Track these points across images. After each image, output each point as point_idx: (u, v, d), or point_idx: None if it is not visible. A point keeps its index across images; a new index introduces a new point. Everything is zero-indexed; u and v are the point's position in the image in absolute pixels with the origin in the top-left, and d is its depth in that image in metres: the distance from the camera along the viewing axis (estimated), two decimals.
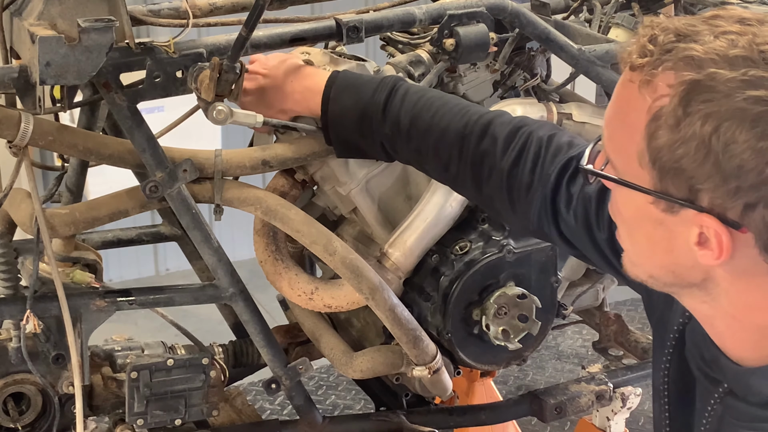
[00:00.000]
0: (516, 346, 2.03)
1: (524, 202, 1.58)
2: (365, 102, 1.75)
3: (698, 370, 1.24)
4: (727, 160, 1.00)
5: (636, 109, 1.06)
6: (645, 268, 1.16)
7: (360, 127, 1.76)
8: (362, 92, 1.76)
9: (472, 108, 1.70)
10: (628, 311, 4.00)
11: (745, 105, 0.99)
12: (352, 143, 1.81)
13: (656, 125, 1.04)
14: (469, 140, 1.64)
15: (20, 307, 1.76)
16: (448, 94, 1.80)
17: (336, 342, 2.08)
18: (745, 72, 1.00)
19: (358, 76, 1.83)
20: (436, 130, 1.68)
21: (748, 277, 1.08)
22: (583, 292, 2.41)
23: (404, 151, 1.76)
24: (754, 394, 1.13)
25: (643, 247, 1.14)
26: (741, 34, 1.02)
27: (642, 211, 1.10)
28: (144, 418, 1.87)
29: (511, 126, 1.62)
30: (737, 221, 1.03)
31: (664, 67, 1.04)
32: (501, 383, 3.43)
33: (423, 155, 1.73)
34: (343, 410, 3.35)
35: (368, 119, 1.75)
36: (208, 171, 1.81)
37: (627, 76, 1.09)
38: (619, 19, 2.31)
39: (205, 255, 1.87)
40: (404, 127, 1.72)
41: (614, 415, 2.48)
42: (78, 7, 1.62)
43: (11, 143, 1.69)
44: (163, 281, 4.45)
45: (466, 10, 1.97)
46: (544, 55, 2.19)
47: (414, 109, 1.72)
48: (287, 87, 1.82)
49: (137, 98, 1.77)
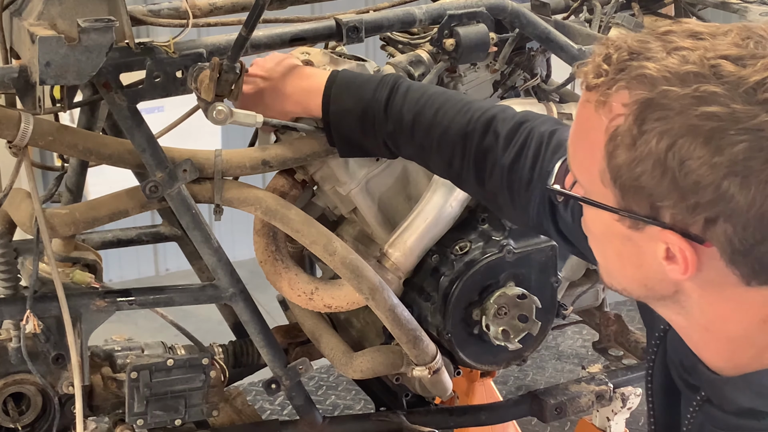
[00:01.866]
0: (516, 346, 2.03)
1: (524, 198, 1.59)
2: (366, 101, 1.75)
3: (678, 378, 1.25)
4: (683, 176, 1.00)
5: (594, 128, 1.06)
6: (618, 280, 1.17)
7: (362, 126, 1.76)
8: (363, 91, 1.76)
9: (474, 104, 1.71)
10: (628, 311, 4.00)
11: (698, 122, 0.99)
12: (354, 142, 1.81)
13: (614, 144, 1.04)
14: (472, 137, 1.65)
15: (20, 307, 1.76)
16: (450, 91, 1.80)
17: (336, 342, 2.08)
18: (697, 88, 0.99)
19: (358, 75, 1.83)
20: (439, 127, 1.69)
21: (716, 289, 1.08)
22: (583, 292, 2.41)
23: (407, 148, 1.76)
24: (729, 403, 1.14)
25: (614, 262, 1.15)
26: (693, 49, 1.02)
27: (610, 228, 1.10)
28: (144, 419, 1.87)
29: (513, 122, 1.63)
30: (700, 236, 1.03)
31: (618, 86, 1.04)
32: (501, 383, 3.43)
33: (426, 152, 1.73)
34: (343, 410, 3.35)
35: (370, 118, 1.75)
36: (208, 171, 1.81)
37: (584, 96, 1.09)
38: (619, 19, 2.30)
39: (205, 255, 1.87)
40: (407, 124, 1.72)
41: (614, 415, 2.49)
42: (78, 7, 1.62)
43: (11, 143, 1.69)
44: (163, 281, 4.45)
45: (466, 10, 1.97)
46: (544, 55, 2.18)
47: (416, 106, 1.72)
48: (286, 88, 1.81)
49: (137, 98, 1.77)
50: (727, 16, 2.58)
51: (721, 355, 1.14)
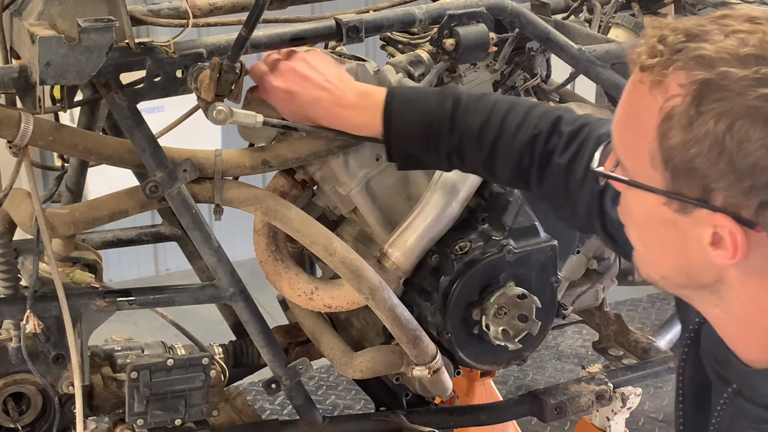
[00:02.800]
0: (516, 346, 2.03)
1: (576, 196, 1.59)
2: (430, 116, 1.72)
3: (712, 371, 1.24)
4: (741, 158, 1.00)
5: (647, 109, 1.06)
6: (657, 268, 1.16)
7: (425, 141, 1.74)
8: (425, 107, 1.74)
9: (539, 107, 1.70)
10: (628, 311, 4.00)
11: (758, 103, 0.99)
12: (415, 157, 1.79)
13: (668, 125, 1.04)
14: (539, 139, 1.65)
15: (20, 307, 1.76)
16: (510, 97, 1.79)
17: (336, 342, 2.08)
18: (757, 70, 1.00)
19: (413, 89, 1.80)
20: (507, 134, 1.68)
21: (760, 277, 1.08)
22: (583, 292, 2.41)
23: (472, 160, 1.74)
24: (759, 396, 1.14)
25: (654, 249, 1.14)
26: (751, 32, 1.02)
27: (654, 213, 1.10)
28: (144, 418, 1.87)
29: (576, 124, 1.64)
30: (752, 220, 1.03)
31: (675, 66, 1.04)
32: (501, 383, 3.43)
33: (493, 160, 1.72)
34: (343, 410, 3.35)
35: (435, 133, 1.72)
36: (208, 171, 1.81)
37: (637, 77, 1.08)
38: (619, 19, 2.31)
39: (205, 255, 1.87)
40: (474, 136, 1.70)
41: (614, 415, 2.49)
42: (78, 7, 1.62)
43: (11, 143, 1.69)
44: (163, 281, 4.45)
45: (466, 10, 1.97)
46: (544, 55, 2.19)
47: (482, 116, 1.70)
48: (347, 100, 1.75)
49: (137, 98, 1.77)
50: None
51: (756, 347, 1.14)
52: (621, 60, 2.13)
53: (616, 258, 2.40)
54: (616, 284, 2.47)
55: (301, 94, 1.75)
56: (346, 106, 1.75)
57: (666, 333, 2.66)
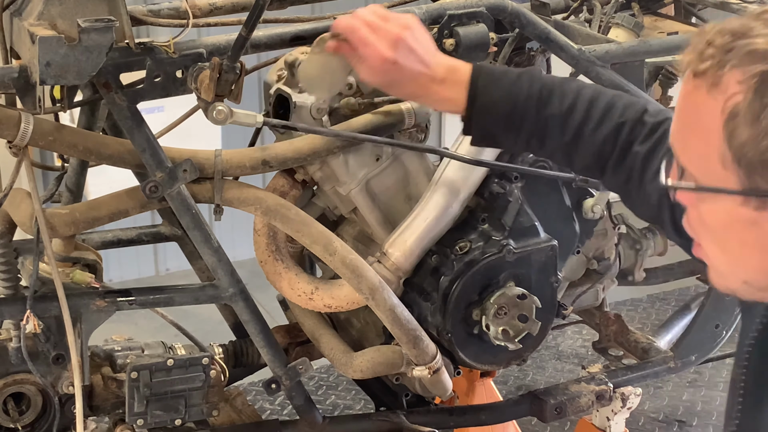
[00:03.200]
0: (516, 346, 2.03)
1: (649, 187, 1.57)
2: (516, 96, 1.68)
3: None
4: None
5: (708, 112, 1.06)
6: (738, 275, 1.15)
7: (508, 120, 1.70)
8: (511, 86, 1.69)
9: (624, 96, 1.68)
10: (628, 311, 4.00)
11: None
12: (492, 135, 1.74)
13: (734, 123, 1.03)
14: (623, 129, 1.62)
15: (20, 307, 1.76)
16: (594, 84, 1.75)
17: (336, 342, 2.08)
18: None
19: (499, 68, 1.76)
20: (591, 122, 1.64)
21: None
22: (583, 292, 2.41)
23: (553, 144, 1.71)
24: None
25: (736, 254, 1.13)
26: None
27: (732, 216, 1.09)
28: (144, 418, 1.87)
29: (659, 117, 1.61)
30: None
31: (730, 66, 1.04)
32: (501, 383, 3.43)
33: (574, 147, 1.68)
34: (343, 410, 3.35)
35: (519, 114, 1.68)
36: (208, 171, 1.81)
37: (691, 84, 1.09)
38: (619, 19, 2.31)
39: (205, 255, 1.87)
40: (558, 121, 1.67)
41: (614, 415, 2.48)
42: (78, 7, 1.62)
43: (11, 143, 1.69)
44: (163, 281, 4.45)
45: (466, 10, 1.97)
46: (544, 55, 2.19)
47: (569, 101, 1.67)
48: (437, 75, 1.68)
49: (137, 98, 1.77)
50: (726, 16, 2.58)
51: None
52: (621, 60, 2.13)
53: (616, 258, 2.40)
54: (616, 284, 2.47)
55: (405, 68, 1.65)
56: (437, 82, 1.69)
57: (666, 333, 2.66)
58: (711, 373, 3.52)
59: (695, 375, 3.48)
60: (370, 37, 1.63)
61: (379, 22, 1.65)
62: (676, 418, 3.25)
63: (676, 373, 2.67)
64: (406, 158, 2.02)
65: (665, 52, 2.21)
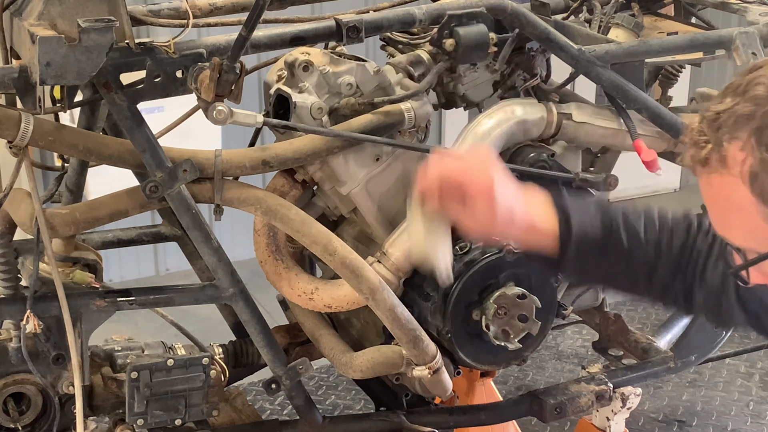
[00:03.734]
0: (516, 346, 2.03)
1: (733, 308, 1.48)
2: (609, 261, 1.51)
3: None
4: None
5: (732, 190, 1.09)
6: None
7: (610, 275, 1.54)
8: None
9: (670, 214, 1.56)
10: (628, 311, 4.00)
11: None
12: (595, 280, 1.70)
13: (759, 183, 1.07)
14: (673, 236, 1.51)
15: (20, 307, 1.76)
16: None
17: (336, 342, 2.08)
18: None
19: (581, 206, 1.53)
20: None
21: None
22: (582, 293, 2.41)
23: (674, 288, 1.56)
24: None
25: None
26: (759, 78, 1.08)
27: None
28: (144, 418, 1.87)
29: (710, 234, 1.59)
30: None
31: (726, 139, 1.08)
32: (501, 383, 3.43)
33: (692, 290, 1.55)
34: (343, 410, 3.35)
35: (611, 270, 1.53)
36: (208, 171, 1.81)
37: (704, 176, 1.12)
38: (619, 19, 2.30)
39: (205, 255, 1.87)
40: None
41: (614, 415, 2.49)
42: (78, 7, 1.62)
43: (11, 143, 1.69)
44: (163, 281, 4.44)
45: (466, 10, 1.97)
46: (544, 55, 2.18)
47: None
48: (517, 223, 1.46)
49: (137, 98, 1.77)
50: (726, 17, 2.58)
51: None
52: (621, 60, 2.13)
53: None
54: None
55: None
56: (536, 231, 1.48)
57: (666, 333, 2.66)
58: (711, 373, 3.51)
59: (695, 375, 3.48)
60: (487, 189, 1.43)
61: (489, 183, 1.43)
62: (675, 418, 3.25)
63: (676, 373, 2.67)
64: (406, 158, 2.02)
65: (665, 52, 2.21)
